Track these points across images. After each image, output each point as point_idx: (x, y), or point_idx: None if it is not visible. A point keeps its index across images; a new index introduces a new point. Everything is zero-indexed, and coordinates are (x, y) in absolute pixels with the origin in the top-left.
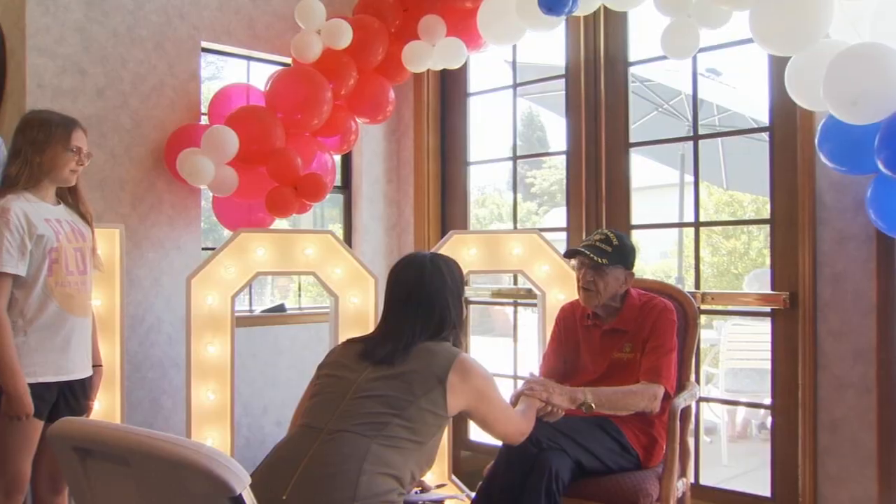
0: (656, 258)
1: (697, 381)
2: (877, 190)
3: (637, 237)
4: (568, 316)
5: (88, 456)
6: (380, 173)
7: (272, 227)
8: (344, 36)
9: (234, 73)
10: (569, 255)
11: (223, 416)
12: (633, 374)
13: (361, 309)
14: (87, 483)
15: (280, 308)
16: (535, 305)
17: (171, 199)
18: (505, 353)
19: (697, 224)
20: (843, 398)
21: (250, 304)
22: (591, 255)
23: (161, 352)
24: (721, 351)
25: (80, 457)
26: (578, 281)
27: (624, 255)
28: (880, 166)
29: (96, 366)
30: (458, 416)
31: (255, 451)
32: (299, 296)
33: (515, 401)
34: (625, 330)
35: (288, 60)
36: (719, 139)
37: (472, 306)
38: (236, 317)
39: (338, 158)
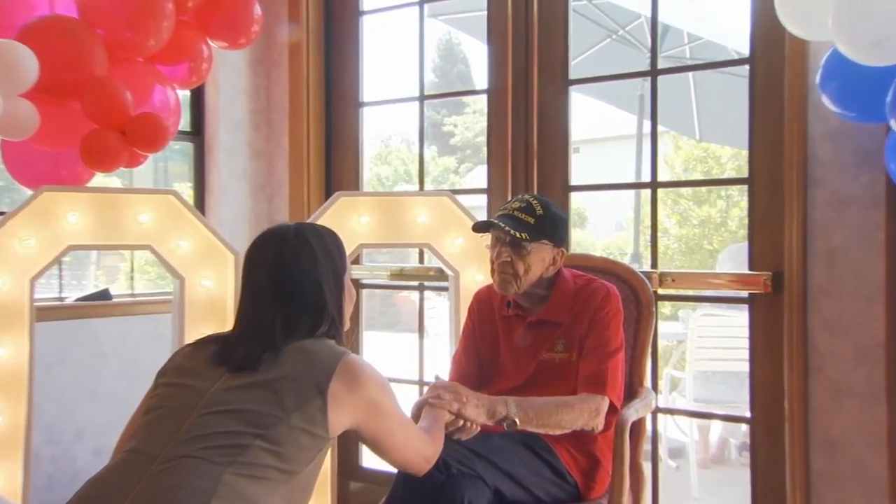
0: (610, 230)
1: (655, 387)
2: None
3: (583, 204)
4: (483, 304)
5: None
6: (243, 116)
7: (92, 184)
8: None
9: None
10: (479, 228)
11: (13, 444)
12: (567, 378)
13: (216, 295)
14: None
15: (103, 295)
16: (446, 289)
17: None
18: (411, 352)
19: (655, 185)
20: (843, 409)
21: (60, 290)
22: (508, 229)
23: None
24: (689, 349)
25: None
26: (492, 262)
27: (551, 227)
28: (894, 125)
29: None
30: (346, 437)
31: (63, 492)
32: (132, 279)
33: (418, 413)
34: (556, 322)
35: None
36: (691, 76)
37: (365, 291)
38: (39, 307)
39: (185, 95)
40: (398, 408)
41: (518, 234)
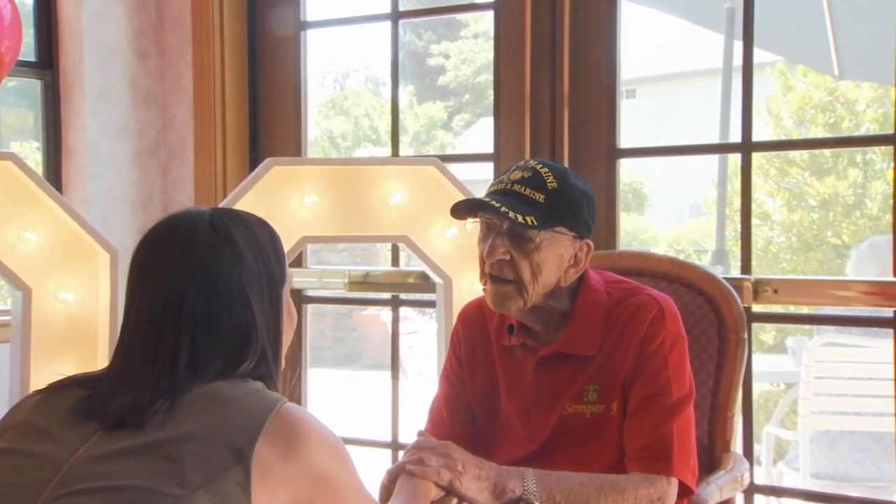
0: (681, 215)
1: (749, 454)
2: None
3: (640, 176)
4: (473, 330)
5: None
6: (121, 40)
7: None
8: None
9: None
10: (461, 211)
11: None
12: (605, 441)
13: (82, 314)
14: None
15: None
16: (433, 305)
17: None
18: (381, 400)
19: (749, 146)
20: None
21: None
22: (504, 209)
23: None
24: (803, 396)
25: None
26: (482, 262)
27: (570, 207)
28: None
29: None
30: None
31: None
32: None
33: (391, 486)
34: (583, 356)
35: None
36: None
37: (310, 307)
38: None
39: (27, 5)
40: (358, 482)
41: (521, 219)
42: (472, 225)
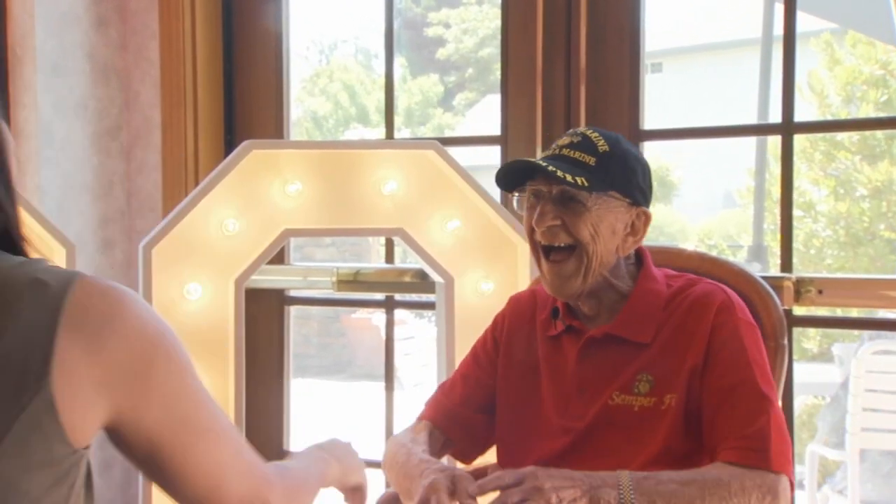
0: (713, 205)
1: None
2: None
3: (667, 161)
4: (521, 316)
5: None
6: (77, 5)
7: None
8: None
9: None
10: (508, 177)
11: None
12: (650, 439)
13: None
14: None
15: None
16: (432, 307)
17: None
18: (374, 415)
19: (790, 128)
20: None
21: None
22: (552, 169)
23: None
24: (852, 411)
25: None
26: (531, 232)
27: (623, 170)
28: None
29: None
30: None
31: None
32: None
33: None
34: (635, 342)
35: None
36: None
37: (294, 309)
38: None
39: None
40: (197, 380)
41: (571, 178)
42: (519, 203)
